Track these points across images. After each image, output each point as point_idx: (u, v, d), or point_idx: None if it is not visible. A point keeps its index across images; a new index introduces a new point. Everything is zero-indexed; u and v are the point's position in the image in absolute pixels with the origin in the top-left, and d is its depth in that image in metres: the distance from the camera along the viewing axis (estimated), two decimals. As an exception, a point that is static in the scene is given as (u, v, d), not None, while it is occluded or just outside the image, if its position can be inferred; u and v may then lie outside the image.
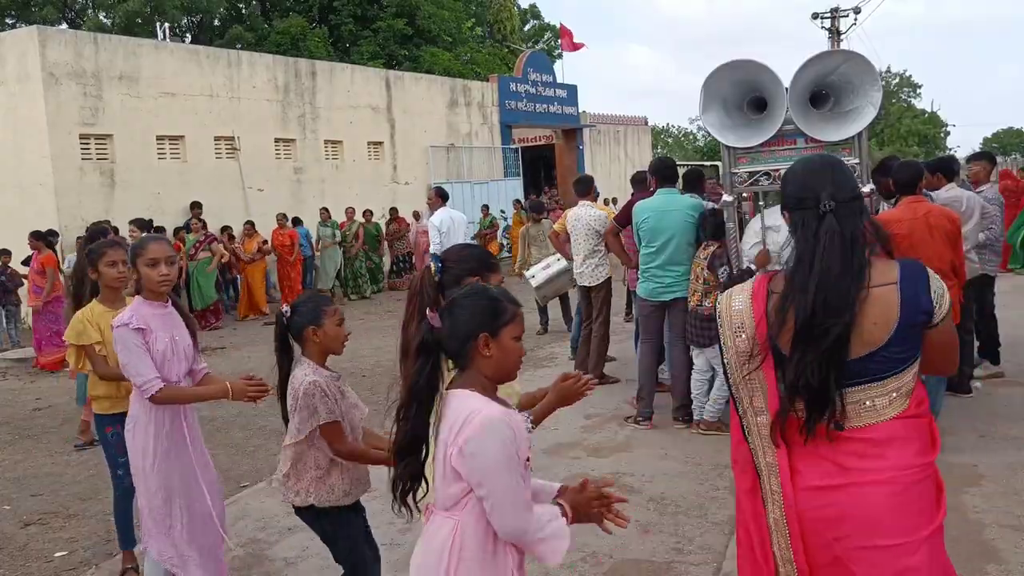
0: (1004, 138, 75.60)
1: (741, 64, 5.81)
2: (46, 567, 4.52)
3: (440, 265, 2.62)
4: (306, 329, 3.10)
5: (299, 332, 3.13)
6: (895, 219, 5.35)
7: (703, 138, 55.18)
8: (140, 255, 3.58)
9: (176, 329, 3.58)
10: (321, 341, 3.13)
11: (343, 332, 3.19)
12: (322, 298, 3.24)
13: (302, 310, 3.13)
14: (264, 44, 26.03)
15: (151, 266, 3.59)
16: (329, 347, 3.17)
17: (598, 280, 7.63)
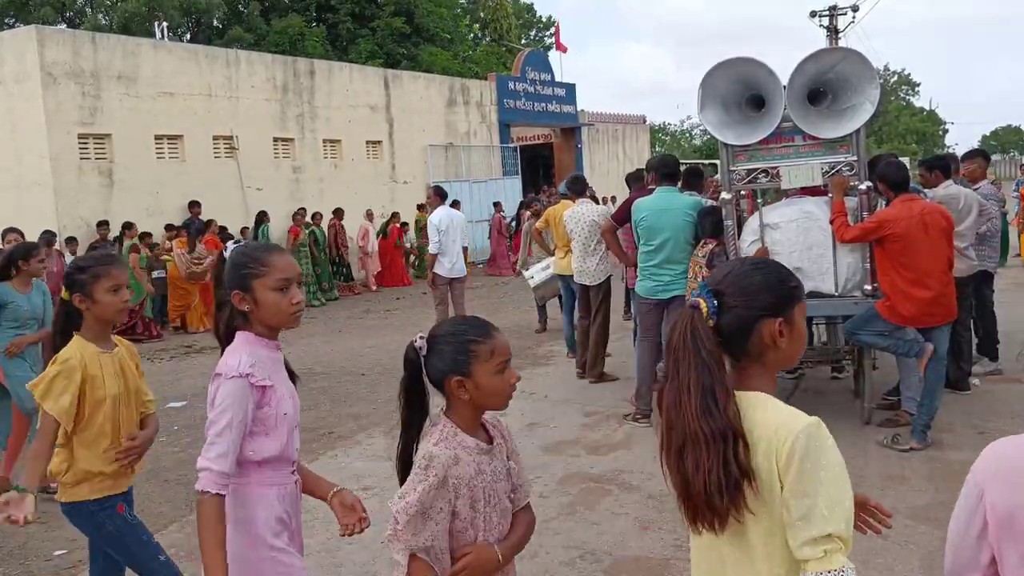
0: (1003, 136, 75.66)
1: (739, 62, 5.82)
2: (45, 565, 4.53)
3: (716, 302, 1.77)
4: (447, 380, 2.04)
5: (438, 383, 2.08)
6: (891, 218, 5.38)
7: (700, 136, 55.17)
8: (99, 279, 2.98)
9: (288, 383, 2.50)
10: (473, 399, 2.05)
11: (507, 382, 2.07)
12: (474, 326, 2.10)
13: (442, 350, 2.04)
14: (263, 44, 26.02)
15: (115, 292, 3.01)
16: (485, 403, 2.08)
17: (600, 279, 7.64)
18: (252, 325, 2.38)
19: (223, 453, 2.24)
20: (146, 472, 5.93)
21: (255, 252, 2.38)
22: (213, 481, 2.23)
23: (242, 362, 2.29)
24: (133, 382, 3.15)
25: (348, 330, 12.28)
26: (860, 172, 5.76)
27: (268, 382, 2.33)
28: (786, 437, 1.63)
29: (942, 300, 5.38)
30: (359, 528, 2.47)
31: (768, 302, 1.74)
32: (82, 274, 3.00)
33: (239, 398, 2.27)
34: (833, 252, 5.80)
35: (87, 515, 3.02)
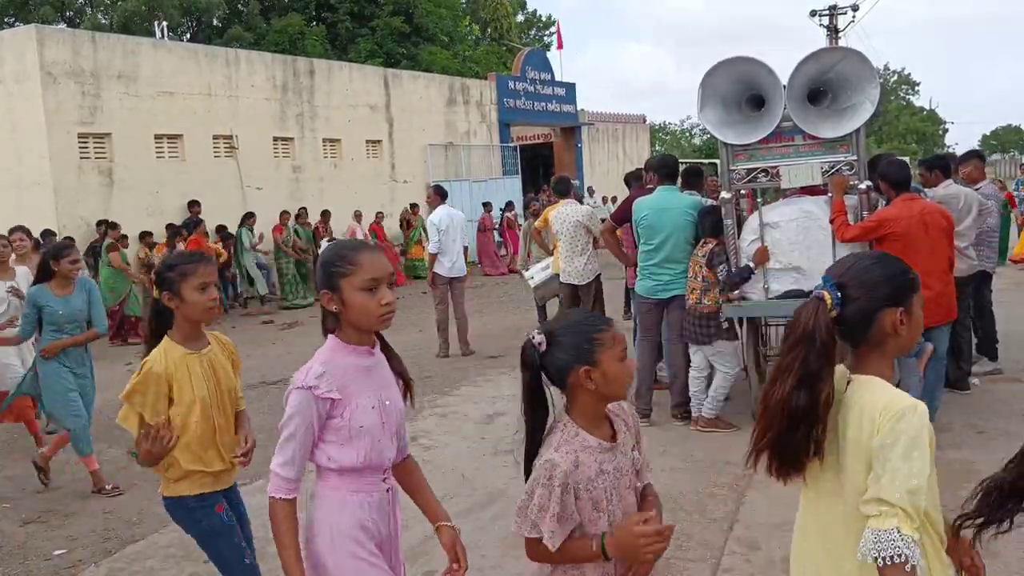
0: (1003, 135, 75.66)
1: (739, 61, 5.81)
2: (45, 565, 4.52)
3: (840, 294, 1.89)
4: (573, 371, 2.04)
5: (561, 376, 2.07)
6: (892, 217, 5.38)
7: (700, 135, 55.18)
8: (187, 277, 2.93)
9: (386, 389, 2.37)
10: (599, 388, 2.05)
11: (628, 370, 2.10)
12: (591, 316, 2.13)
13: (566, 342, 2.05)
14: (262, 43, 26.02)
15: (202, 290, 2.95)
16: (608, 395, 2.08)
17: (588, 278, 7.65)
18: (342, 327, 2.31)
19: (287, 461, 2.26)
20: (145, 471, 5.94)
21: (343, 250, 2.28)
22: (278, 486, 2.27)
23: (311, 372, 2.24)
24: (226, 381, 3.08)
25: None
26: (860, 172, 5.76)
27: (335, 395, 2.23)
28: (888, 414, 1.78)
29: (942, 300, 5.38)
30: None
31: (889, 293, 1.88)
32: (171, 272, 2.95)
33: (302, 409, 2.23)
34: (833, 252, 5.79)
35: (186, 510, 3.03)
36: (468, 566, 2.38)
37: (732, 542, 4.24)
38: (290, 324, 13.13)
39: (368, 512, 2.32)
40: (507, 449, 5.54)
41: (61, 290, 5.43)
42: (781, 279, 5.92)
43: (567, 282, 7.80)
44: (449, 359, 9.35)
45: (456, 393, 7.78)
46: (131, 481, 5.72)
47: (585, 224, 7.57)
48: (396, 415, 2.38)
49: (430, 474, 5.44)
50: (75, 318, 5.46)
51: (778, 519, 4.43)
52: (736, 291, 5.97)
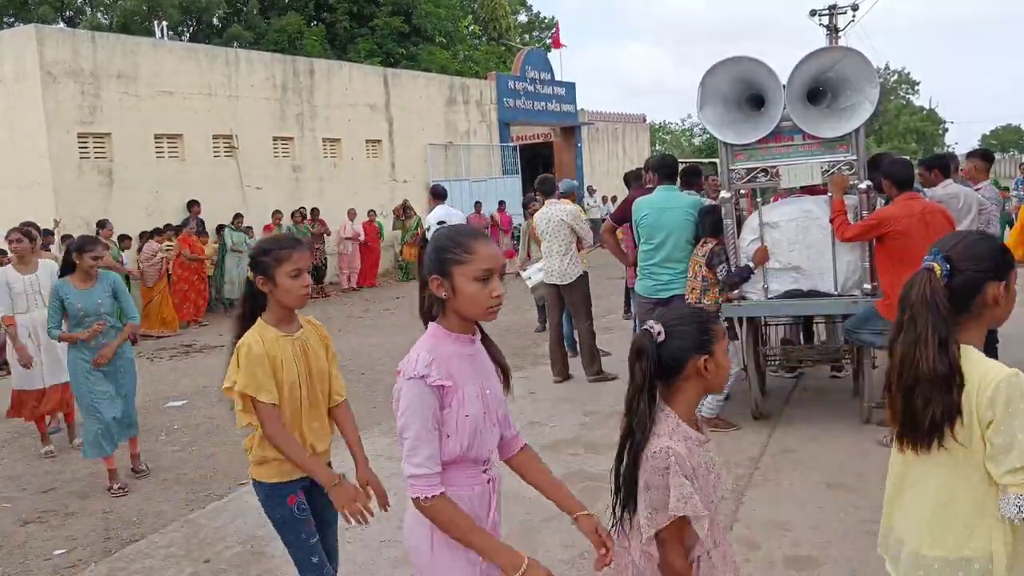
0: (1002, 135, 75.66)
1: (739, 61, 5.81)
2: (45, 565, 4.52)
3: (948, 266, 2.03)
4: (691, 361, 2.15)
5: (679, 365, 2.16)
6: (893, 216, 5.38)
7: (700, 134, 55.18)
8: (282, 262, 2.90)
9: (487, 378, 2.30)
10: (711, 378, 2.18)
11: (729, 364, 2.26)
12: (699, 310, 2.28)
13: (685, 332, 2.14)
14: (262, 42, 26.01)
15: (295, 276, 2.91)
16: (713, 386, 2.23)
17: (571, 278, 7.61)
18: (447, 314, 2.22)
19: (430, 455, 2.12)
20: (144, 471, 5.95)
21: (459, 236, 2.18)
22: (428, 485, 2.12)
23: (419, 361, 2.13)
24: (318, 365, 3.03)
25: (347, 329, 12.28)
26: (859, 171, 5.76)
27: (447, 382, 2.14)
28: (990, 383, 1.96)
29: (941, 300, 5.37)
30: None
31: (993, 267, 2.03)
32: (265, 256, 2.92)
33: (421, 400, 2.12)
34: (832, 251, 5.80)
35: (262, 496, 3.02)
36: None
37: (732, 542, 4.23)
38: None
39: (470, 506, 2.23)
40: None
41: (82, 283, 5.53)
42: (780, 279, 5.92)
43: (550, 282, 7.77)
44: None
45: (456, 393, 7.77)
46: (131, 481, 5.72)
47: (569, 224, 7.56)
48: (497, 404, 2.32)
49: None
50: (94, 311, 5.52)
51: (778, 518, 4.44)
52: (736, 291, 5.97)
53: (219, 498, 5.36)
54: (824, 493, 4.79)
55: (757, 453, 5.54)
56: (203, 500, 5.34)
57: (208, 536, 4.75)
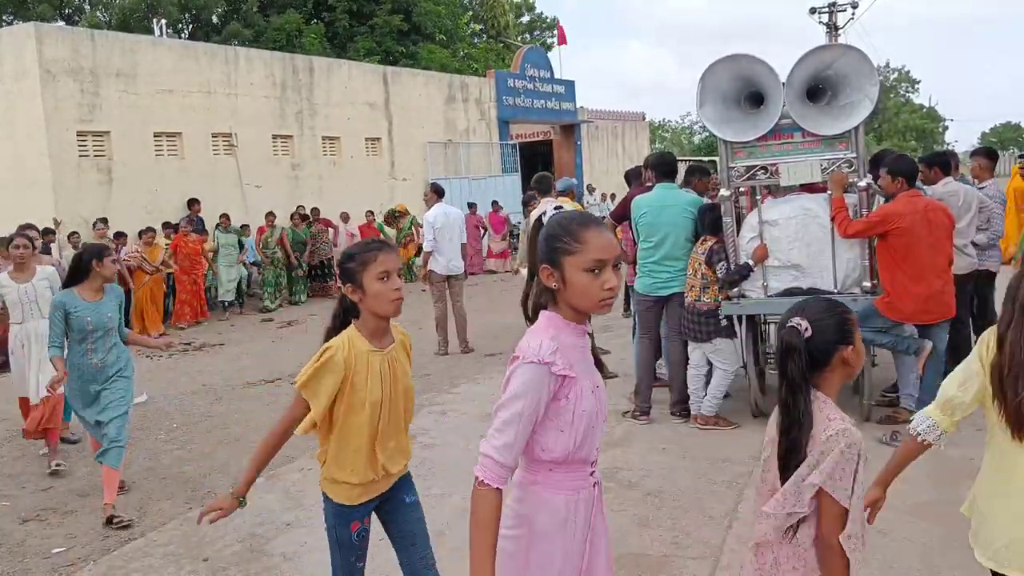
0: (1002, 133, 75.62)
1: (738, 59, 5.81)
2: (44, 563, 4.52)
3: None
4: (838, 351, 2.19)
5: (826, 358, 2.19)
6: (897, 213, 5.37)
7: (699, 132, 55.16)
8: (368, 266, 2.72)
9: (595, 373, 2.22)
10: (854, 366, 2.22)
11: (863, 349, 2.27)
12: (836, 301, 2.28)
13: (829, 325, 2.19)
14: (261, 40, 25.99)
15: (383, 280, 2.72)
16: (854, 372, 2.27)
17: None
18: (558, 305, 2.10)
19: (509, 444, 2.00)
20: (145, 469, 5.95)
21: (571, 225, 2.08)
22: (494, 473, 2.01)
23: (544, 347, 2.01)
24: (404, 383, 2.87)
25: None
26: (859, 169, 5.75)
27: (571, 372, 2.05)
28: None
29: (942, 297, 5.37)
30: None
31: None
32: (351, 262, 2.74)
33: (535, 386, 2.00)
34: (832, 249, 5.79)
35: (328, 511, 2.90)
36: None
37: (731, 540, 4.23)
38: (289, 322, 13.13)
39: (574, 511, 2.14)
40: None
41: (93, 295, 5.03)
42: (780, 276, 5.92)
43: None
44: (448, 357, 9.35)
45: (455, 391, 7.78)
46: (130, 480, 5.71)
47: None
48: (606, 402, 2.21)
49: (429, 472, 5.47)
50: (104, 326, 5.03)
51: (777, 517, 4.43)
52: (735, 289, 5.96)
53: (218, 496, 5.34)
54: (824, 491, 4.78)
55: (757, 451, 5.53)
56: (202, 498, 5.33)
57: (207, 534, 4.74)
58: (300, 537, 4.59)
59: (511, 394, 2.01)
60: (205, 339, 11.85)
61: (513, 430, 2.00)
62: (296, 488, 5.39)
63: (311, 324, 12.83)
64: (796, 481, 2.09)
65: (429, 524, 3.05)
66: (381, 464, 2.82)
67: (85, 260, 5.02)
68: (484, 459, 2.01)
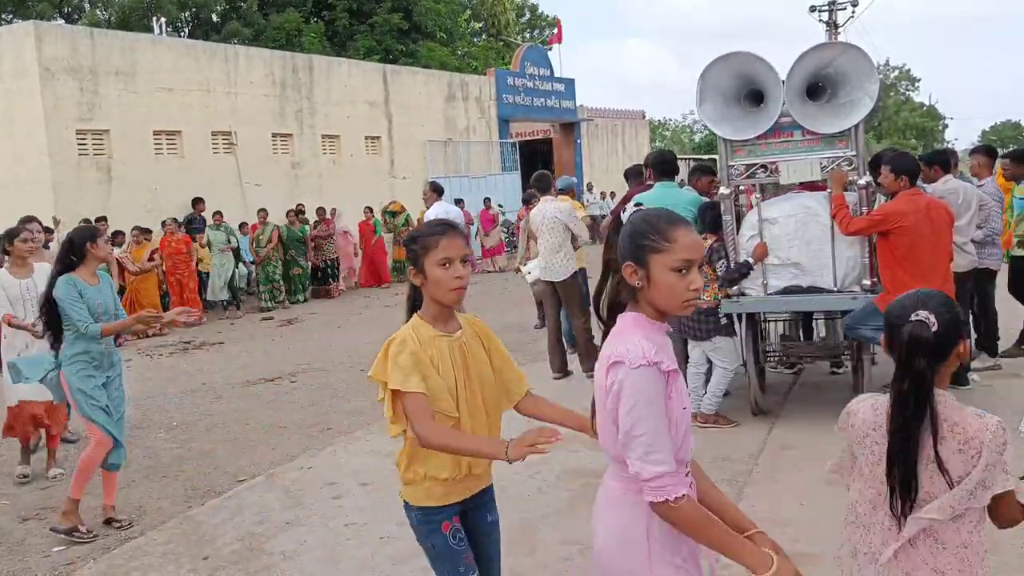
0: (1002, 131, 75.57)
1: (738, 57, 5.80)
2: (44, 562, 4.52)
3: None
4: (956, 345, 2.18)
5: (946, 352, 2.17)
6: (900, 211, 5.36)
7: (700, 130, 55.15)
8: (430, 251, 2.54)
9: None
10: (964, 359, 2.27)
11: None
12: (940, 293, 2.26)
13: (950, 318, 2.15)
14: (260, 39, 25.98)
15: (445, 265, 2.54)
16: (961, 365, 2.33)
17: (566, 274, 7.61)
18: (640, 304, 2.03)
19: (667, 449, 1.91)
20: (144, 468, 5.95)
21: (659, 222, 2.00)
22: (677, 483, 1.90)
23: (645, 347, 1.92)
24: (478, 369, 2.62)
25: (348, 325, 12.28)
26: (859, 167, 5.75)
27: (675, 367, 1.97)
28: None
29: (942, 296, 5.37)
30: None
31: None
32: (413, 244, 2.59)
33: (655, 390, 1.91)
34: (832, 247, 5.79)
35: (414, 521, 2.62)
36: None
37: (731, 538, 4.23)
38: (289, 321, 13.14)
39: None
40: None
41: (92, 279, 4.84)
42: (780, 275, 5.91)
43: (547, 279, 7.77)
44: (448, 355, 9.33)
45: (455, 389, 7.77)
46: (130, 478, 5.71)
47: (563, 221, 7.56)
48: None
49: (429, 470, 5.45)
50: (110, 310, 4.89)
51: (777, 514, 4.43)
52: (735, 287, 5.96)
53: (218, 495, 5.35)
54: (823, 489, 4.77)
55: (756, 449, 5.53)
56: (202, 497, 5.34)
57: (207, 533, 4.74)
58: (300, 536, 4.59)
59: (637, 403, 1.91)
60: (205, 338, 11.85)
61: (664, 438, 1.92)
62: (296, 487, 5.39)
63: (311, 323, 12.84)
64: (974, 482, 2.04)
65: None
66: (467, 461, 2.57)
67: (78, 243, 4.80)
68: (659, 481, 1.89)
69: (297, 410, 7.39)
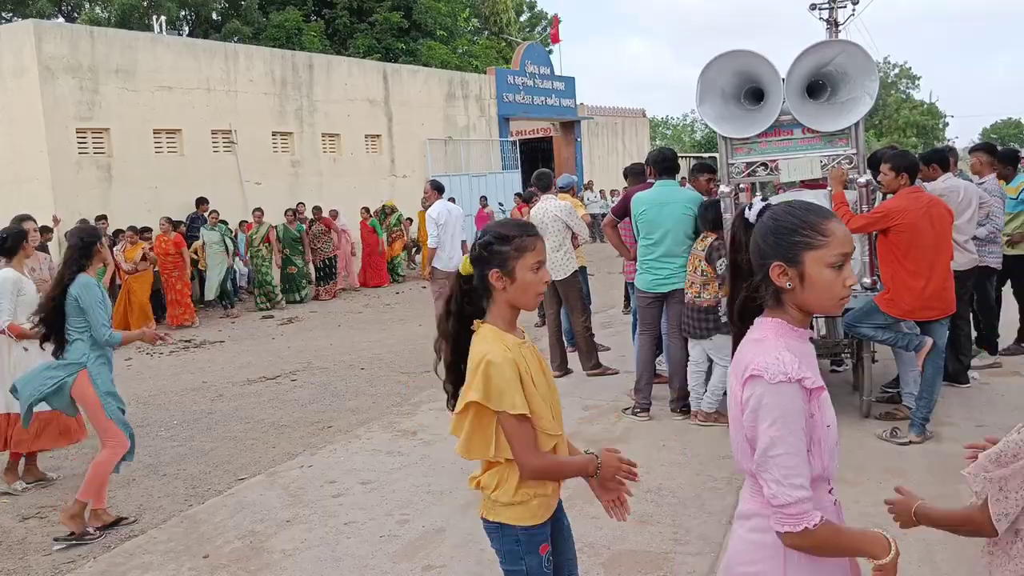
0: (1003, 129, 75.54)
1: (738, 55, 5.80)
2: (44, 560, 4.52)
3: None
4: None
5: None
6: (900, 209, 5.36)
7: (701, 129, 55.13)
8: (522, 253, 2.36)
9: None
10: None
11: None
12: None
13: None
14: (261, 37, 25.97)
15: (537, 270, 2.38)
16: None
17: (566, 273, 7.62)
18: (783, 307, 1.89)
19: (805, 476, 1.77)
20: (145, 466, 5.95)
21: (810, 217, 1.87)
22: (805, 514, 1.76)
23: (786, 361, 1.77)
24: (549, 376, 2.49)
25: (348, 324, 12.28)
26: (859, 165, 5.75)
27: (819, 382, 1.81)
28: None
29: (942, 294, 5.37)
30: None
31: None
32: (505, 244, 2.37)
33: (797, 407, 1.77)
34: (832, 245, 5.78)
35: (511, 542, 2.44)
36: None
37: (730, 536, 4.23)
38: (290, 320, 13.14)
39: None
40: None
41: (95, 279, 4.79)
42: (780, 273, 5.91)
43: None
44: (448, 354, 9.32)
45: (455, 388, 7.76)
46: (131, 477, 5.72)
47: (563, 219, 7.57)
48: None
49: (430, 469, 5.46)
50: (110, 315, 4.83)
51: (777, 513, 4.43)
52: (735, 285, 5.95)
53: (218, 493, 5.36)
54: (823, 487, 4.79)
55: (757, 447, 5.53)
56: (202, 495, 5.34)
57: (207, 532, 4.75)
58: (299, 534, 4.59)
59: (778, 424, 1.77)
60: (205, 336, 11.85)
61: (803, 462, 1.78)
62: (296, 485, 5.40)
63: (312, 321, 12.84)
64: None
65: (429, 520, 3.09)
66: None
67: (89, 243, 4.75)
68: (795, 507, 1.76)
69: (298, 408, 7.39)
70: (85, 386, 4.69)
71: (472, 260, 2.45)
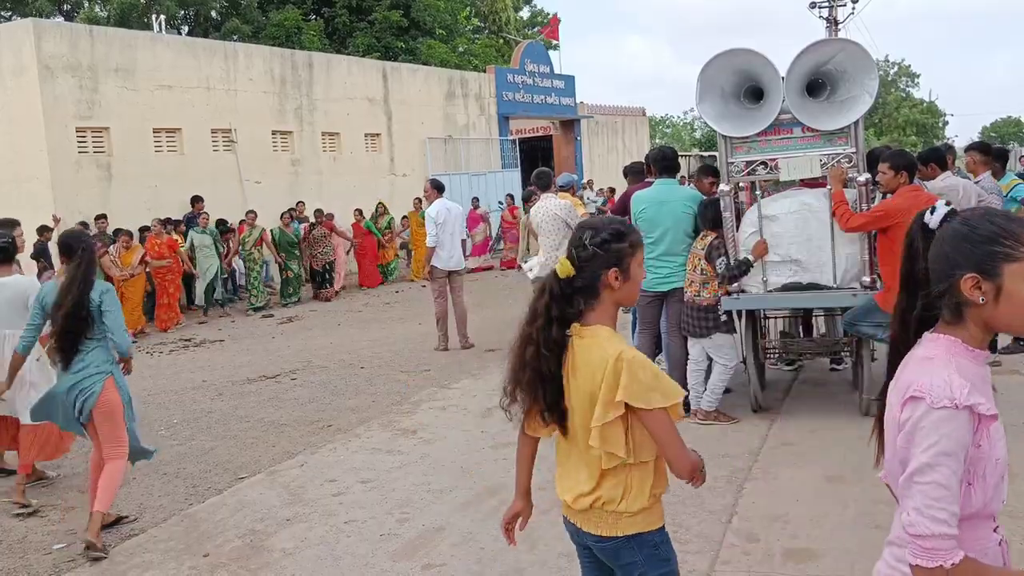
0: (1002, 127, 75.52)
1: (738, 53, 5.80)
2: (44, 559, 4.53)
3: None
4: None
5: None
6: (900, 208, 5.36)
7: (701, 127, 55.12)
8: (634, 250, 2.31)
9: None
10: None
11: None
12: None
13: None
14: (260, 36, 25.96)
15: (641, 266, 2.35)
16: None
17: None
18: (963, 324, 1.72)
19: (956, 513, 1.62)
20: (145, 465, 5.94)
21: (1012, 225, 1.67)
22: (953, 549, 1.61)
23: (955, 385, 1.62)
24: None
25: (347, 323, 12.29)
26: (858, 163, 5.75)
27: (993, 411, 1.65)
28: None
29: (942, 292, 5.37)
30: None
31: None
32: (621, 243, 2.28)
33: (959, 437, 1.61)
34: (832, 244, 5.79)
35: (650, 547, 2.34)
36: None
37: (731, 534, 4.24)
38: (289, 319, 13.14)
39: None
40: (506, 442, 5.54)
41: None
42: (780, 272, 5.92)
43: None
44: (448, 352, 9.35)
45: (455, 386, 7.78)
46: (130, 476, 5.72)
47: (563, 218, 7.58)
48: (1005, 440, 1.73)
49: (429, 468, 5.46)
50: None
51: (776, 511, 4.44)
52: (735, 284, 5.96)
53: (219, 492, 5.36)
54: (823, 486, 4.80)
55: (756, 446, 5.54)
56: (202, 494, 5.34)
57: (208, 530, 4.75)
58: (300, 533, 4.60)
59: (931, 449, 1.62)
60: (205, 335, 11.86)
61: (954, 496, 1.63)
62: (296, 484, 5.40)
63: (311, 320, 12.85)
64: None
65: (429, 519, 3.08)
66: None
67: (90, 247, 4.69)
68: (934, 542, 1.61)
69: (297, 407, 7.39)
70: (112, 392, 4.62)
71: (583, 260, 2.31)
